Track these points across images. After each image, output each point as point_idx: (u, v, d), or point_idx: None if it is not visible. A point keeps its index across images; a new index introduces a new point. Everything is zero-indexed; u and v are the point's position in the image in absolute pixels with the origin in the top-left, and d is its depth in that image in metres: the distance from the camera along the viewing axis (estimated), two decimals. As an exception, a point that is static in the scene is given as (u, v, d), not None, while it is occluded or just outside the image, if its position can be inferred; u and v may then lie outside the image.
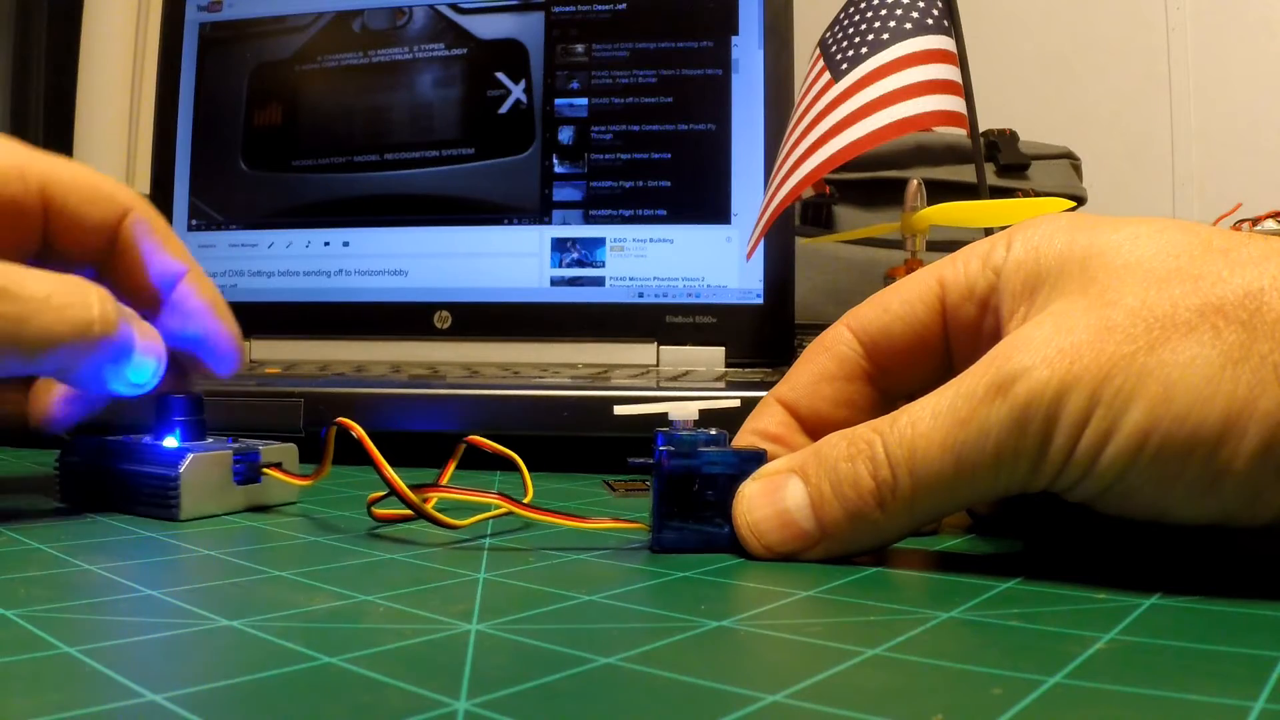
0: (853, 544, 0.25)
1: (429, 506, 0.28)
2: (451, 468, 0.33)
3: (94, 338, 0.28)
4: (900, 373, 0.28)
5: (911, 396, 0.25)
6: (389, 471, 0.28)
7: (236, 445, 0.32)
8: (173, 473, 0.30)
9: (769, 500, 0.26)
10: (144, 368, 0.30)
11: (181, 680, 0.16)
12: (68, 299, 0.27)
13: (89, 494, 0.32)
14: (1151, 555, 0.26)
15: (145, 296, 0.34)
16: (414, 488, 0.28)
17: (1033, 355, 0.22)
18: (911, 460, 0.23)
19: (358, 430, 0.29)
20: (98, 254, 0.33)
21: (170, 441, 0.32)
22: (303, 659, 0.17)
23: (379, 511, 0.30)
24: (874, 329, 0.28)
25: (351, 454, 0.30)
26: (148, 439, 0.32)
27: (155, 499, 0.30)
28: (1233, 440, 0.21)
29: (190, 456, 0.30)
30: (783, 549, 0.25)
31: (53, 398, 0.33)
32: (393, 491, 0.28)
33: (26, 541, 0.26)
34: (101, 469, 0.32)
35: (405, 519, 0.30)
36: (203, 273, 0.34)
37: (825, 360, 0.29)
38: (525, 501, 0.29)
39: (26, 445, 0.46)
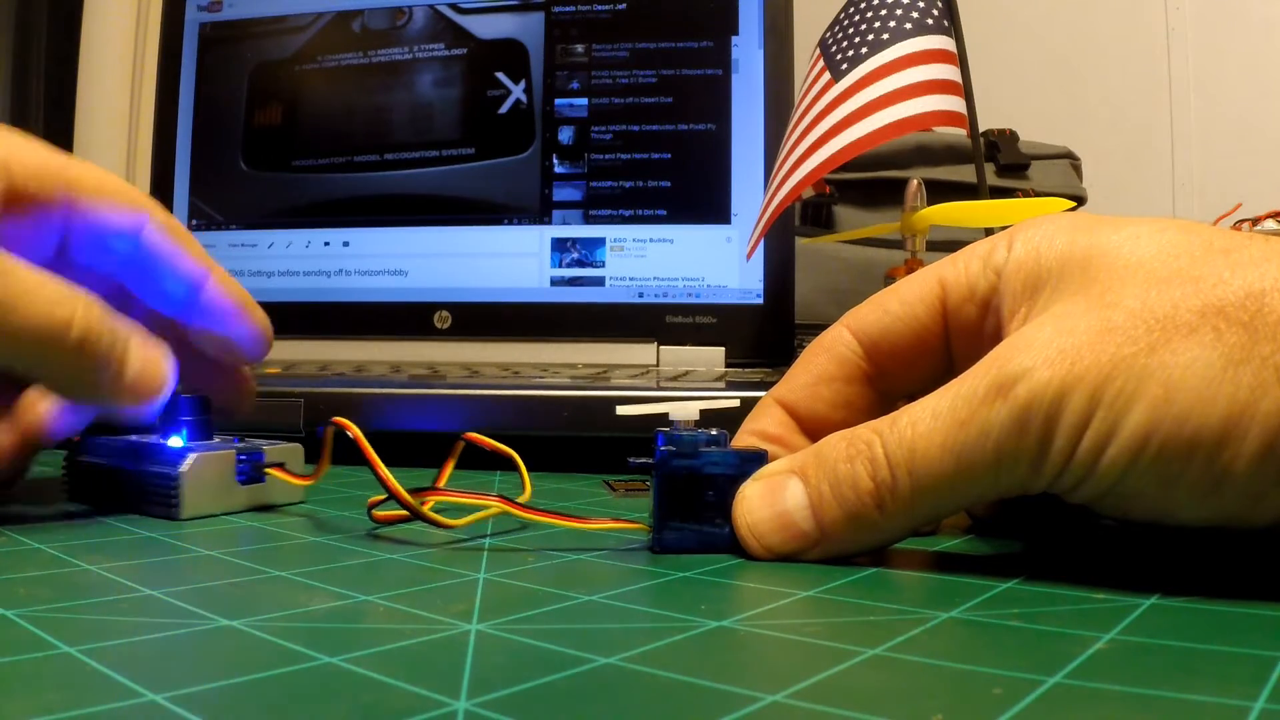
0: (853, 545, 0.25)
1: (426, 508, 0.28)
2: (450, 466, 0.33)
3: (70, 339, 0.27)
4: (900, 374, 0.28)
5: (912, 397, 0.25)
6: (384, 472, 0.28)
7: (241, 445, 0.32)
8: (174, 472, 0.30)
9: (769, 501, 0.26)
10: (140, 387, 0.29)
11: (181, 680, 0.16)
12: (52, 295, 0.27)
13: (96, 493, 0.33)
14: (1151, 555, 0.26)
15: (169, 303, 0.34)
16: (414, 490, 0.28)
17: (1033, 356, 0.22)
18: (911, 461, 0.23)
19: (354, 430, 0.29)
20: (119, 258, 0.33)
21: (175, 441, 0.32)
22: (303, 659, 0.17)
23: (379, 514, 0.30)
24: (874, 330, 0.28)
25: (353, 454, 0.30)
26: (154, 438, 0.33)
27: (157, 498, 0.30)
28: (1234, 442, 0.21)
29: (192, 456, 0.30)
30: (783, 550, 0.25)
31: (46, 408, 0.33)
32: (389, 492, 0.28)
33: (26, 541, 0.26)
34: (108, 468, 0.32)
35: (404, 520, 0.30)
36: (225, 273, 0.34)
37: (824, 361, 0.29)
38: (521, 502, 0.29)
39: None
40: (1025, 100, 1.30)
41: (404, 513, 0.28)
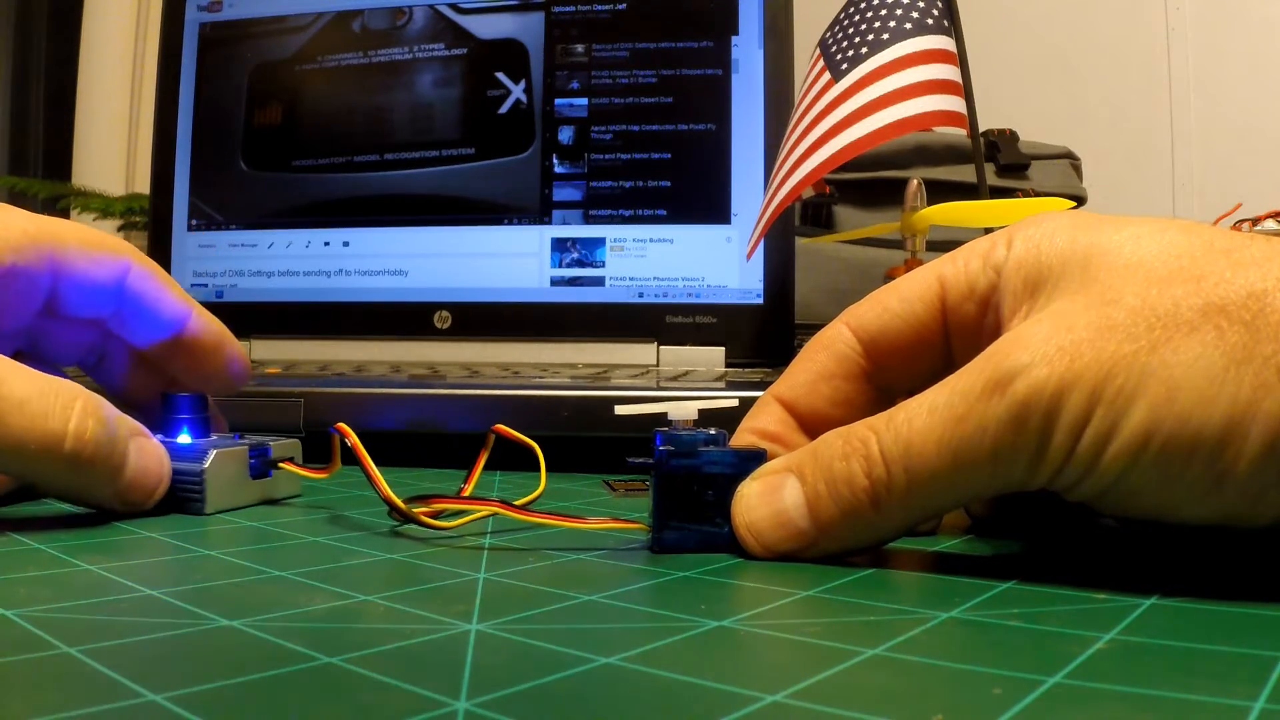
0: (849, 542, 0.25)
1: (422, 514, 0.28)
2: (483, 460, 0.33)
3: (62, 454, 0.27)
4: (899, 371, 0.28)
5: (911, 394, 0.25)
6: (379, 479, 0.28)
7: (248, 440, 0.33)
8: (198, 468, 0.31)
9: (767, 500, 0.26)
10: (136, 488, 0.29)
11: (181, 680, 0.16)
12: (44, 407, 0.27)
13: None
14: (1151, 555, 0.26)
15: (153, 342, 0.35)
16: (414, 498, 0.28)
17: (1031, 352, 0.22)
18: (907, 457, 0.23)
19: (352, 437, 0.30)
20: (103, 308, 0.34)
21: (184, 438, 0.33)
22: (303, 659, 0.17)
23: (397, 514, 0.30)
24: (873, 328, 0.28)
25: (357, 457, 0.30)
26: (159, 437, 0.33)
27: (181, 494, 0.31)
28: (1236, 442, 0.21)
29: (214, 453, 0.31)
30: (780, 548, 0.25)
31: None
32: (384, 501, 0.28)
33: (26, 541, 0.26)
34: None
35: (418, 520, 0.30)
36: (204, 309, 0.36)
37: (824, 359, 0.29)
38: (524, 503, 0.29)
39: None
40: (1025, 100, 1.30)
41: (419, 511, 0.28)
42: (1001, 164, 0.91)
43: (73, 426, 0.27)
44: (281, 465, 0.33)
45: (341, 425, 0.30)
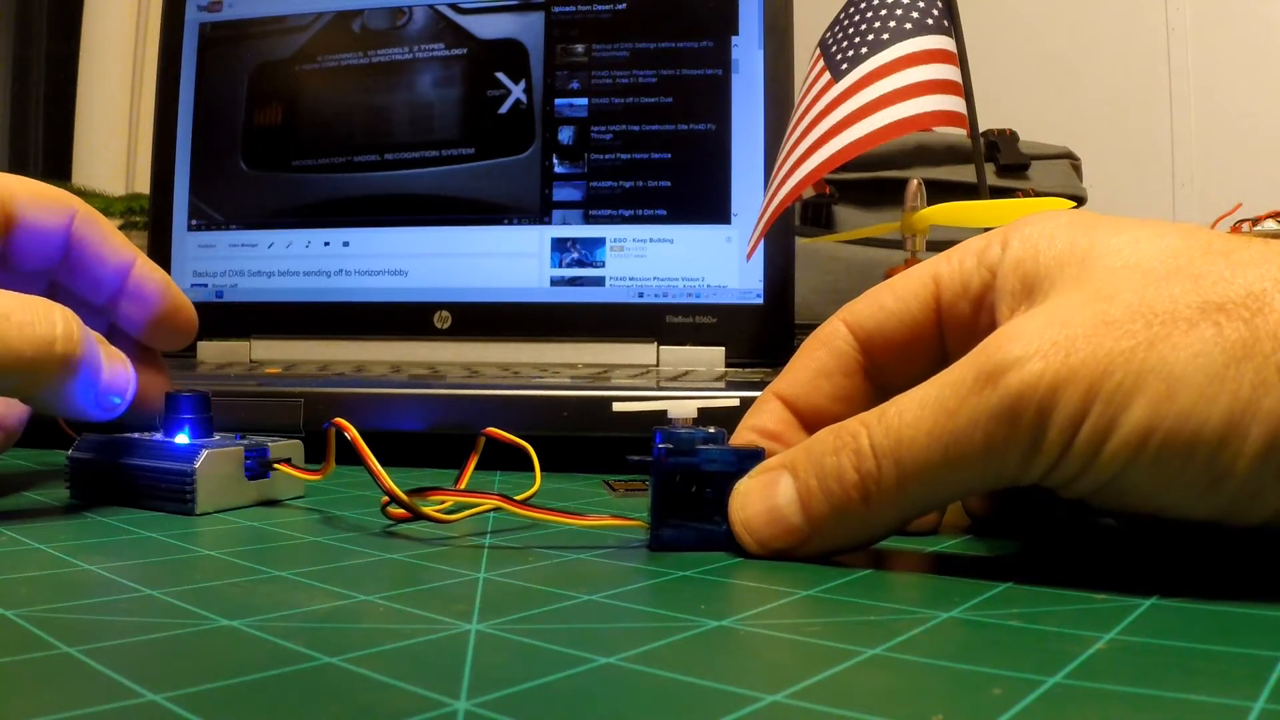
0: (842, 538, 0.25)
1: (425, 508, 0.28)
2: (473, 463, 0.33)
3: (56, 355, 0.28)
4: (896, 368, 0.28)
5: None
6: (379, 471, 0.28)
7: (245, 441, 0.33)
8: (189, 468, 0.31)
9: (761, 496, 0.26)
10: (113, 388, 0.30)
11: (181, 680, 0.16)
12: (28, 316, 0.28)
13: (100, 491, 0.33)
14: (1151, 555, 0.26)
15: (101, 289, 0.35)
16: (414, 491, 0.28)
17: (1025, 346, 0.22)
18: (897, 450, 0.23)
19: (351, 431, 0.30)
20: (53, 257, 0.34)
21: (181, 438, 0.33)
22: (303, 659, 0.17)
23: (394, 511, 0.30)
24: (869, 325, 0.28)
25: (356, 454, 0.30)
26: (158, 436, 0.33)
27: (171, 494, 0.31)
28: (1235, 440, 0.21)
29: (205, 452, 0.31)
30: (775, 545, 0.25)
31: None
32: (385, 490, 0.28)
33: (27, 541, 0.26)
34: (114, 466, 0.32)
35: (413, 518, 0.30)
36: (148, 259, 0.36)
37: (823, 356, 0.29)
38: (524, 498, 0.29)
39: (35, 444, 0.46)
40: (1025, 100, 1.30)
41: (420, 504, 0.28)
42: (1001, 164, 0.91)
43: (60, 330, 0.28)
44: (277, 467, 0.33)
45: (339, 420, 0.30)
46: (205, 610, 0.20)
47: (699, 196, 0.64)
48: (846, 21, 0.52)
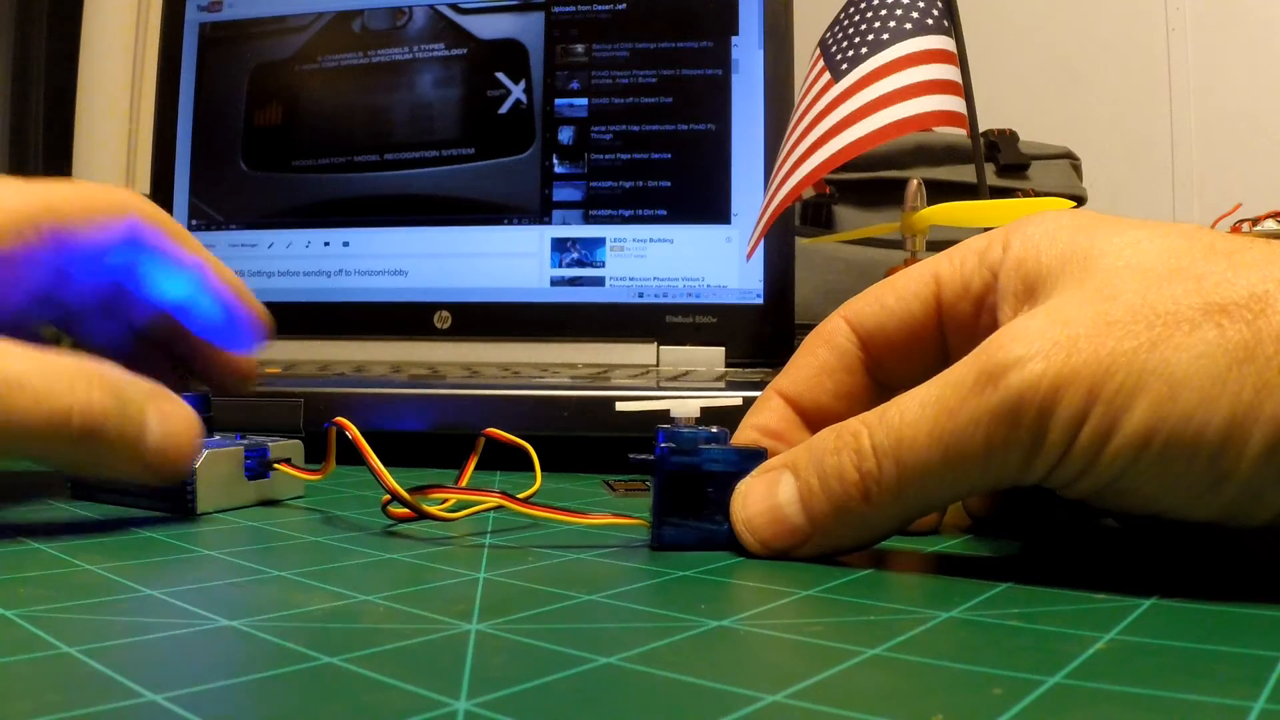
0: (843, 538, 0.25)
1: (428, 506, 0.28)
2: (473, 463, 0.33)
3: (73, 429, 0.25)
4: (897, 366, 0.28)
5: (911, 388, 0.25)
6: (381, 469, 0.28)
7: (245, 441, 0.33)
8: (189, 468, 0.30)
9: (763, 496, 0.26)
10: (167, 455, 0.27)
11: (181, 680, 0.16)
12: (45, 384, 0.25)
13: (100, 491, 0.33)
14: (1151, 555, 0.26)
15: (171, 295, 0.34)
16: (416, 489, 0.28)
17: (1026, 346, 0.22)
18: (898, 450, 0.23)
19: (352, 430, 0.30)
20: (116, 267, 0.32)
21: None
22: (303, 659, 0.17)
23: (394, 510, 0.30)
24: (870, 324, 0.28)
25: (356, 453, 0.30)
26: None
27: (171, 494, 0.31)
28: (1237, 442, 0.20)
29: (205, 452, 0.31)
30: (776, 544, 0.25)
31: None
32: (387, 489, 0.28)
33: (26, 541, 0.26)
34: None
35: (415, 518, 0.30)
36: (220, 262, 0.35)
37: (825, 353, 0.29)
38: (525, 497, 0.29)
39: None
40: (1025, 100, 1.30)
41: (422, 501, 0.29)
42: (1001, 164, 0.91)
43: (79, 401, 0.25)
44: (277, 467, 0.33)
45: (341, 419, 0.30)
46: (205, 610, 0.20)
47: (699, 196, 0.64)
48: (846, 21, 0.52)
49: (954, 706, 0.15)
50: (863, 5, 0.52)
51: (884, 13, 0.50)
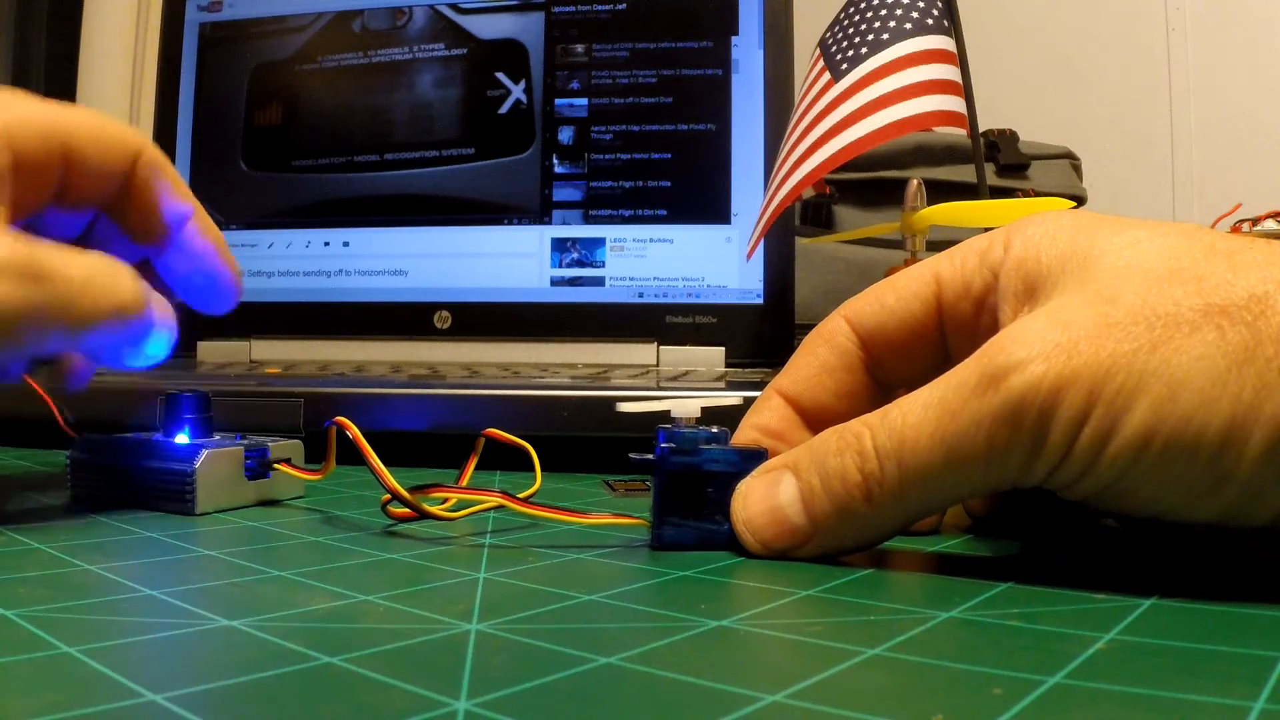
0: (844, 538, 0.25)
1: (429, 506, 0.28)
2: (473, 463, 0.33)
3: (128, 317, 0.29)
4: (897, 366, 0.28)
5: (912, 387, 0.25)
6: (381, 469, 0.28)
7: (245, 441, 0.33)
8: (189, 468, 0.31)
9: (764, 496, 0.26)
10: (161, 342, 0.31)
11: (181, 680, 0.16)
12: (107, 280, 0.28)
13: (100, 491, 0.33)
14: (1151, 555, 0.26)
15: (152, 236, 0.34)
16: (416, 488, 0.28)
17: (1027, 348, 0.22)
18: (900, 452, 0.23)
19: (352, 430, 0.30)
20: (108, 197, 0.33)
21: (181, 438, 0.33)
22: (303, 659, 0.17)
23: (394, 510, 0.30)
24: (870, 324, 0.28)
25: (356, 453, 0.30)
26: (158, 436, 0.33)
27: (171, 494, 0.31)
28: (1237, 444, 0.20)
29: (205, 452, 0.31)
30: (777, 545, 0.25)
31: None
32: (388, 489, 0.28)
33: (26, 541, 0.26)
34: (114, 466, 0.32)
35: (415, 517, 0.30)
36: (205, 214, 0.35)
37: (825, 352, 0.29)
38: (525, 496, 0.29)
39: (35, 444, 0.46)
40: (1025, 100, 1.30)
41: (422, 501, 0.29)
42: (1001, 164, 0.91)
43: (130, 294, 0.29)
44: (277, 467, 0.33)
45: (341, 419, 0.30)
46: (205, 610, 0.20)
47: (699, 196, 0.64)
48: (846, 21, 0.52)
49: (954, 706, 0.15)
50: (863, 5, 0.52)
51: (884, 13, 0.50)
